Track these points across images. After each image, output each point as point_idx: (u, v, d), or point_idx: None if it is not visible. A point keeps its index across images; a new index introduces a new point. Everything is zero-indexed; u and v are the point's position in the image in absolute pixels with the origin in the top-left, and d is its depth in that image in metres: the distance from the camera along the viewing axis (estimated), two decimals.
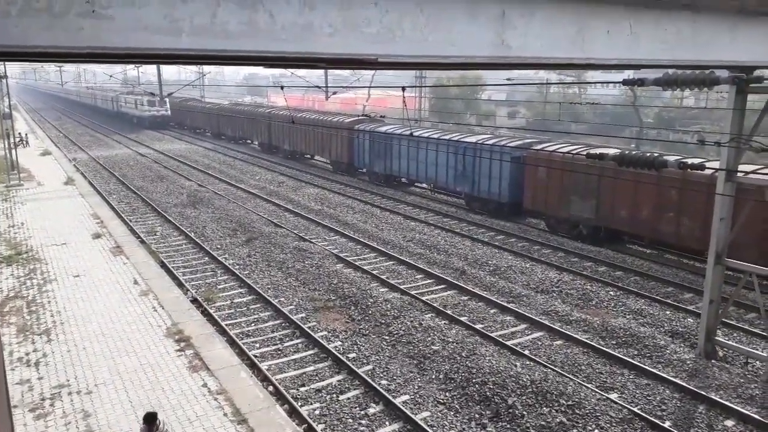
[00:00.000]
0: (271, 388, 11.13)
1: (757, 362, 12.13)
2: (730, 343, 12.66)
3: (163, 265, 17.69)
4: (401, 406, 10.51)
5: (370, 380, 11.41)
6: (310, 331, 13.60)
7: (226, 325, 13.95)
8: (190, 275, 17.60)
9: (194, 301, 15.13)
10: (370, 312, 14.71)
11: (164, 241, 21.19)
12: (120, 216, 23.89)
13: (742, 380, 11.56)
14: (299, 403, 10.74)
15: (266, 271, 18.04)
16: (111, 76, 44.12)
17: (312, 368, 12.15)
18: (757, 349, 12.43)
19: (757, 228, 14.07)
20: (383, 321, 14.20)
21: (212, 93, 73.50)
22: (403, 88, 11.15)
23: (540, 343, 13.38)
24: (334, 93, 37.46)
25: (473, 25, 5.78)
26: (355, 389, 11.32)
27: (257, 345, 13.20)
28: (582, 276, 17.47)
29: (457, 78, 56.55)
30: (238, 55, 4.61)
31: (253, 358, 12.31)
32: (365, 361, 12.43)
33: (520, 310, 14.94)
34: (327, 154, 38.00)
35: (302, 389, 11.34)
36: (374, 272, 17.81)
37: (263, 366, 12.04)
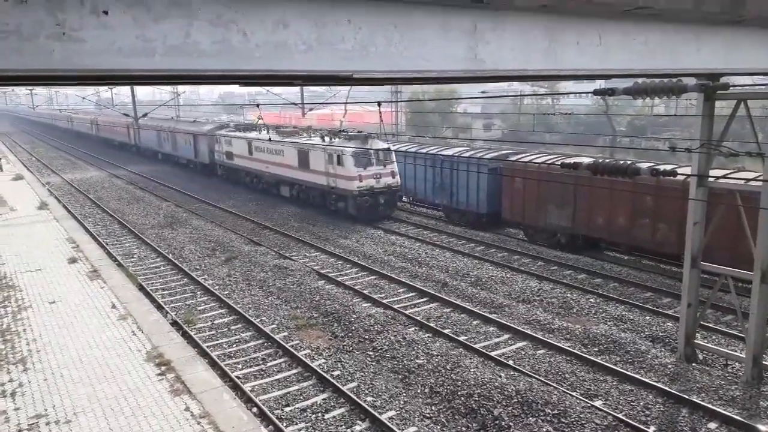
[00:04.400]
0: (255, 409, 10.97)
1: (737, 363, 12.30)
2: (709, 345, 12.84)
3: (141, 288, 17.40)
4: (387, 422, 10.42)
5: (355, 397, 11.31)
6: (292, 350, 13.46)
7: (207, 346, 13.74)
8: (170, 297, 17.33)
9: (174, 323, 14.89)
10: (353, 328, 14.62)
11: (142, 264, 20.87)
12: (96, 239, 23.48)
13: (722, 382, 11.71)
14: (284, 424, 10.59)
15: (247, 290, 17.86)
16: (84, 98, 43.55)
17: (296, 387, 12.01)
18: (736, 351, 12.61)
19: (730, 231, 14.36)
20: (367, 336, 14.12)
21: (187, 113, 72.79)
22: (379, 103, 11.22)
23: (523, 352, 13.42)
24: (311, 109, 37.71)
25: (446, 40, 5.86)
26: (340, 407, 11.21)
27: (239, 366, 13.02)
28: (562, 284, 17.62)
29: (432, 92, 57.08)
30: (212, 75, 4.60)
31: (235, 379, 12.13)
32: (350, 378, 12.33)
33: (502, 321, 14.99)
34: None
35: (287, 409, 11.19)
36: (356, 287, 17.74)
37: (246, 387, 11.87)
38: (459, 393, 11.29)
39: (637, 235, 18.69)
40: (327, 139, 27.94)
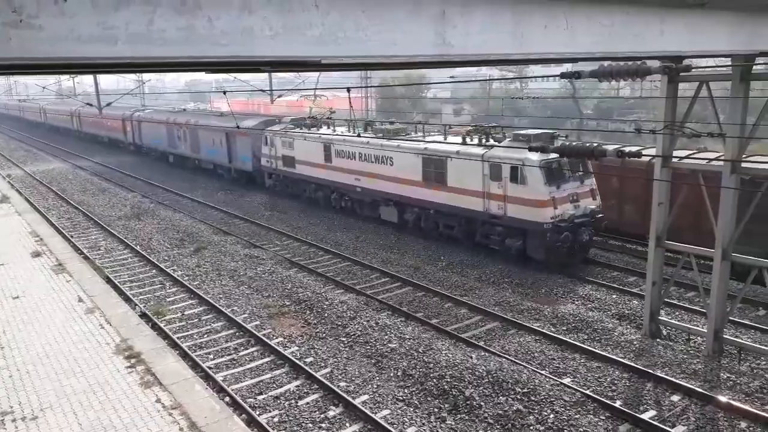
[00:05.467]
0: (227, 399, 10.93)
1: (699, 338, 12.72)
2: (672, 321, 13.25)
3: (108, 281, 17.07)
4: (361, 407, 10.51)
5: (328, 383, 11.37)
6: (265, 339, 13.43)
7: (177, 338, 13.60)
8: (138, 289, 17.06)
9: (143, 315, 14.68)
10: (325, 315, 14.64)
11: (109, 256, 20.46)
12: (61, 232, 22.89)
13: (685, 356, 12.12)
14: (257, 412, 10.59)
15: (217, 280, 17.68)
16: (44, 87, 41.83)
17: (269, 376, 12.00)
18: (698, 326, 13.03)
19: (693, 210, 14.75)
20: (339, 323, 14.16)
21: (153, 101, 70.90)
22: (348, 89, 11.16)
23: (494, 333, 13.65)
24: (280, 96, 36.90)
25: (415, 25, 5.84)
26: (314, 393, 11.25)
27: (211, 356, 12.93)
28: (531, 266, 17.90)
29: (402, 77, 56.98)
30: (177, 62, 4.51)
31: (207, 369, 12.05)
32: (323, 365, 12.37)
33: (473, 303, 15.20)
34: None
35: (260, 397, 11.18)
36: (328, 275, 17.73)
37: (218, 377, 11.81)
38: (431, 375, 11.43)
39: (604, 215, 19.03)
40: (474, 139, 19.17)
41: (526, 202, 16.84)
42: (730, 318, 12.89)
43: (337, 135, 24.71)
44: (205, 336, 13.95)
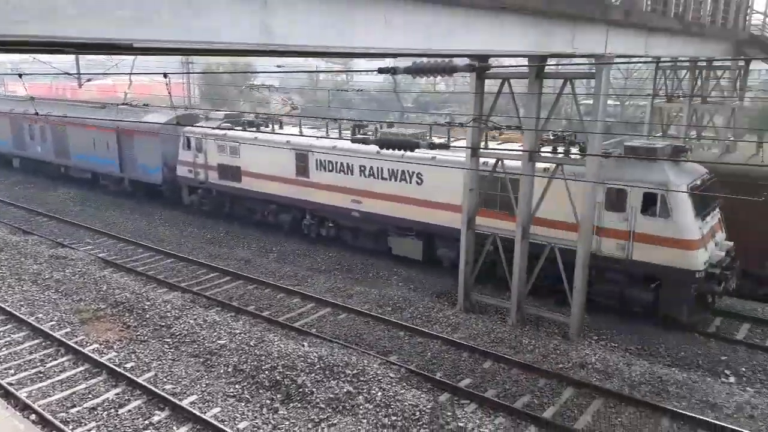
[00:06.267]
0: (34, 416, 9.81)
1: (505, 310, 14.21)
2: (482, 297, 14.64)
3: None
4: (189, 408, 10.12)
5: (152, 387, 10.74)
6: (77, 346, 12.24)
7: None
8: None
9: None
10: (147, 316, 13.75)
11: None
12: None
13: (494, 327, 13.50)
14: (70, 426, 9.66)
15: (17, 286, 15.64)
16: None
17: (83, 386, 10.98)
18: (504, 300, 14.53)
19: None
20: (163, 323, 13.40)
21: None
22: (165, 75, 10.53)
23: (325, 320, 13.97)
24: (89, 80, 33.32)
25: (236, 13, 5.76)
26: (136, 399, 10.56)
27: (12, 371, 11.47)
28: (360, 253, 18.54)
29: (227, 64, 54.87)
30: None
31: (7, 386, 10.67)
32: (146, 368, 11.64)
33: (305, 292, 15.36)
34: None
35: (73, 411, 10.20)
36: (150, 273, 16.66)
37: (22, 393, 10.53)
38: (263, 367, 11.37)
39: None
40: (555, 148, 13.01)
41: (665, 242, 12.65)
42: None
43: (323, 140, 18.29)
44: (4, 349, 12.31)
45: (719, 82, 21.30)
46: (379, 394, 10.49)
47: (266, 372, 11.24)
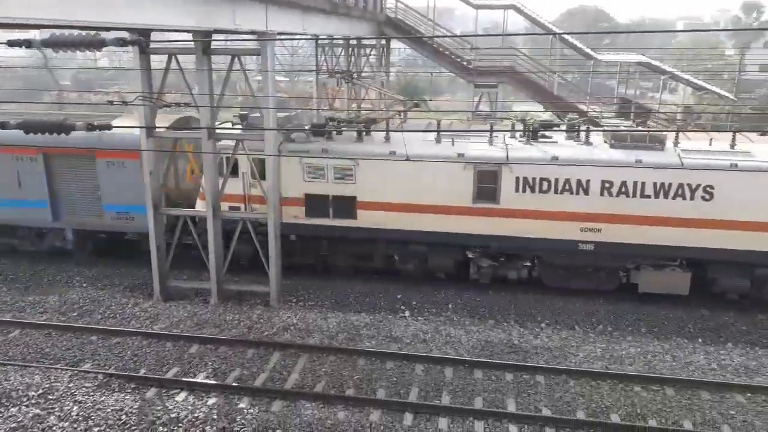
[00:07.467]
0: None
1: (205, 291, 13.97)
2: (179, 282, 14.12)
3: None
4: None
5: None
6: None
7: None
8: None
9: None
10: None
11: None
12: None
13: (196, 310, 13.21)
14: None
15: None
16: None
17: None
18: (204, 282, 14.20)
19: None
20: None
21: None
22: None
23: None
24: None
25: None
26: None
27: None
28: (25, 257, 15.92)
29: None
30: None
31: None
32: None
33: None
34: None
35: None
36: None
37: None
38: None
39: None
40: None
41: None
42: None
43: (529, 150, 13.73)
44: None
45: (369, 59, 24.15)
46: (75, 408, 9.38)
47: None
